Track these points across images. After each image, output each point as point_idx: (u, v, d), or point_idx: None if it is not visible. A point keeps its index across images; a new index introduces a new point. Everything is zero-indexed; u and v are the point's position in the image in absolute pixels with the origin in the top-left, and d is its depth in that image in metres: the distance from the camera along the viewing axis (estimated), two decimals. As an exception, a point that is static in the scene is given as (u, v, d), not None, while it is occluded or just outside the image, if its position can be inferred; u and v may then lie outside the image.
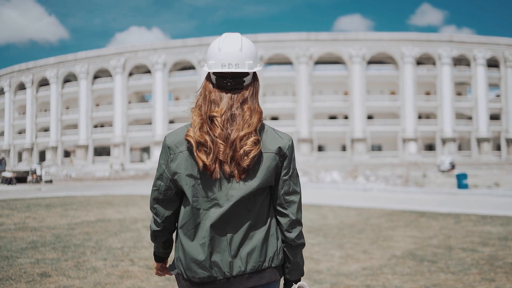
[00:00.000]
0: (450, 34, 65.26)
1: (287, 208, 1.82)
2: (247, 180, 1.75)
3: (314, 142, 60.93)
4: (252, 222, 1.78)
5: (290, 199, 1.82)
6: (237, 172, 1.74)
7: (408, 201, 16.75)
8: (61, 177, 48.37)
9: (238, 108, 1.77)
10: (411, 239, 8.32)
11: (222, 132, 1.74)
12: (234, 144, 1.73)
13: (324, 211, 13.00)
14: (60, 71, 70.46)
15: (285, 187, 1.81)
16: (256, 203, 1.79)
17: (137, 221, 10.83)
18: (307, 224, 10.31)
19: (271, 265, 1.79)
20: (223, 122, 1.75)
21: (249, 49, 1.83)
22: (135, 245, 7.78)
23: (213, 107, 1.79)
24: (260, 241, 1.77)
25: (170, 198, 1.86)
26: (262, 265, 1.77)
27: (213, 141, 1.74)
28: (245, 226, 1.77)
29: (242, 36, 1.87)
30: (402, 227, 9.74)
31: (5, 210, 13.47)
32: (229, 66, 1.78)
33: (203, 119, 1.77)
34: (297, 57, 61.15)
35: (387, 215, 11.87)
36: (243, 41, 1.83)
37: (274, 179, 1.81)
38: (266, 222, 1.81)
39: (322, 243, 8.00)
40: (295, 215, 1.82)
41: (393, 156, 59.37)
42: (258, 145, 1.75)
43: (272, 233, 1.82)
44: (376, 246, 7.69)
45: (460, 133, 61.39)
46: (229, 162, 1.74)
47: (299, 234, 1.83)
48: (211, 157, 1.73)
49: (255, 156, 1.74)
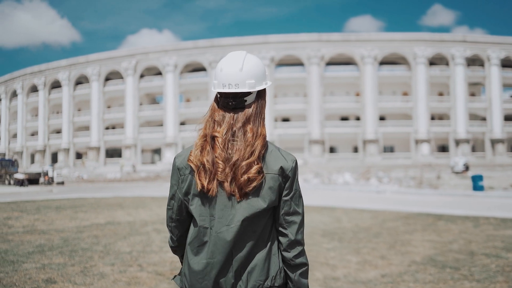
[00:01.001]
0: (463, 34, 64.40)
1: (287, 228, 1.82)
2: (251, 200, 1.78)
3: (326, 144, 60.50)
4: (255, 241, 1.80)
5: (290, 219, 1.82)
6: (238, 194, 1.77)
7: (423, 203, 16.37)
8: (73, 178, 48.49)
9: (240, 129, 1.79)
10: (430, 243, 8.00)
11: (222, 152, 1.77)
12: (235, 167, 1.75)
13: (338, 214, 12.70)
14: (72, 73, 70.80)
15: (286, 207, 1.82)
16: (260, 223, 1.81)
17: (147, 224, 10.62)
18: (320, 227, 10.03)
19: (274, 284, 1.80)
20: (224, 142, 1.77)
21: (251, 67, 1.82)
22: (144, 249, 7.56)
23: (216, 127, 1.81)
24: (261, 260, 1.79)
25: (184, 217, 1.92)
26: (263, 284, 1.78)
27: (213, 161, 1.77)
28: (249, 245, 1.79)
29: (247, 55, 1.85)
30: (420, 231, 9.41)
31: (15, 213, 13.36)
32: (229, 86, 1.81)
33: (206, 140, 1.80)
34: (308, 58, 60.80)
35: (403, 218, 11.54)
36: (245, 60, 1.82)
37: (277, 200, 1.82)
38: (268, 242, 1.83)
39: (338, 247, 7.72)
40: (294, 236, 1.82)
41: (406, 157, 58.73)
42: (262, 174, 1.77)
43: (274, 252, 1.83)
44: (394, 251, 7.39)
45: (473, 134, 60.57)
46: (229, 182, 1.77)
47: (298, 254, 1.83)
48: (210, 177, 1.77)
49: (258, 184, 1.77)
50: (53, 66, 73.06)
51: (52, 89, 74.34)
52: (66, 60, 72.14)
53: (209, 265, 1.78)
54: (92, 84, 68.57)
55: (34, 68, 75.63)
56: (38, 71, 74.76)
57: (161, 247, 7.77)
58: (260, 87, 1.84)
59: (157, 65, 65.45)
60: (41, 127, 73.25)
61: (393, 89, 63.87)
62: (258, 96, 1.87)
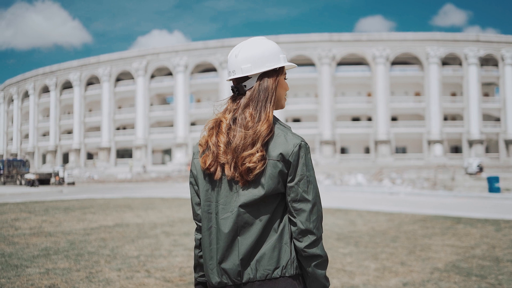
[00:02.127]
0: (476, 33, 63.51)
1: (296, 216, 1.72)
2: (251, 187, 1.74)
3: (337, 144, 59.99)
4: (263, 229, 1.74)
5: (298, 207, 1.72)
6: (241, 181, 1.74)
7: (438, 205, 15.95)
8: (84, 179, 48.54)
9: (241, 114, 1.77)
10: (451, 248, 7.63)
11: (223, 136, 1.77)
12: (236, 154, 1.74)
13: (352, 216, 12.34)
14: (83, 74, 71.01)
15: (292, 194, 1.73)
16: (267, 210, 1.74)
17: (156, 226, 10.34)
18: (335, 230, 9.69)
19: (285, 274, 1.72)
20: (227, 126, 1.78)
21: (248, 52, 1.80)
22: (152, 253, 7.27)
23: (227, 113, 1.83)
24: (270, 249, 1.72)
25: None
26: (273, 273, 1.71)
27: (216, 143, 1.77)
28: (255, 233, 1.73)
29: (248, 40, 1.84)
30: (439, 235, 9.03)
31: (23, 213, 13.17)
32: (229, 73, 1.85)
33: (215, 124, 1.82)
34: (319, 58, 60.36)
35: (420, 221, 11.15)
36: (242, 46, 1.83)
37: (282, 186, 1.74)
38: (279, 230, 1.75)
39: (354, 252, 7.37)
40: (303, 224, 1.71)
41: (418, 158, 58.05)
42: (263, 161, 1.72)
43: (285, 241, 1.74)
44: (414, 256, 7.02)
45: (487, 134, 59.69)
46: (230, 167, 1.74)
47: (310, 244, 1.71)
48: (212, 158, 1.77)
49: (259, 171, 1.72)
50: (65, 67, 73.33)
51: (64, 90, 74.62)
52: (78, 61, 72.37)
53: (213, 251, 1.78)
54: (103, 84, 68.70)
55: (45, 69, 75.96)
56: (50, 71, 75.07)
57: (170, 251, 7.48)
58: (258, 70, 1.78)
59: (168, 66, 65.38)
60: (53, 128, 73.54)
61: (405, 89, 63.22)
62: (261, 80, 1.80)
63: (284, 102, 1.91)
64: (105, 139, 67.61)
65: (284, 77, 1.87)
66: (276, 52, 1.83)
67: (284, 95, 1.88)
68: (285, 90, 1.87)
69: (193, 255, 7.06)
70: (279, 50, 1.84)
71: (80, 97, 71.03)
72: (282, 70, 1.85)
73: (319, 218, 1.74)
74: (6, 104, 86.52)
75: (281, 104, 1.89)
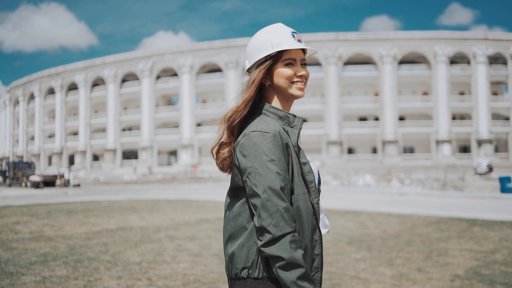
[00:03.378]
0: (485, 32, 62.78)
1: (254, 213, 1.60)
2: (230, 179, 1.75)
3: (344, 145, 59.49)
4: (235, 227, 1.69)
5: (252, 202, 1.60)
6: (221, 171, 1.78)
7: (450, 206, 15.51)
8: (90, 180, 48.35)
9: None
10: (470, 253, 7.22)
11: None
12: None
13: (362, 218, 11.95)
14: (89, 75, 70.94)
15: (247, 188, 1.62)
16: (238, 205, 1.70)
17: (160, 230, 10.00)
18: (346, 233, 9.30)
19: (251, 275, 1.63)
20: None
21: (247, 48, 1.80)
22: (155, 259, 6.92)
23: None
24: (239, 248, 1.66)
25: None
26: (240, 273, 1.64)
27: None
28: (229, 229, 1.71)
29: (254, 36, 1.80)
30: (455, 238, 8.62)
31: (24, 217, 12.87)
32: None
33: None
34: (325, 57, 59.91)
35: (434, 223, 10.74)
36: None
37: (240, 179, 1.67)
38: (249, 227, 1.66)
39: (368, 258, 6.99)
40: (257, 221, 1.57)
41: (426, 158, 57.43)
42: (227, 148, 1.74)
43: (255, 240, 1.64)
44: (432, 262, 6.63)
45: (496, 134, 58.97)
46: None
47: (266, 243, 1.54)
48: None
49: (226, 161, 1.75)
50: (70, 68, 73.30)
51: (69, 91, 74.60)
52: (83, 62, 72.31)
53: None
54: (109, 86, 68.58)
55: (51, 71, 75.97)
56: (55, 73, 75.07)
57: (174, 256, 7.13)
58: (248, 65, 1.76)
59: (173, 66, 65.15)
60: (58, 129, 73.52)
61: (412, 89, 62.61)
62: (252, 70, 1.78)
63: (294, 90, 1.74)
64: (111, 141, 67.48)
65: (286, 63, 1.72)
66: (265, 40, 1.71)
67: (286, 83, 1.72)
68: (285, 78, 1.71)
69: (197, 261, 6.73)
70: (270, 37, 1.71)
71: (85, 98, 70.96)
72: (277, 57, 1.72)
73: (276, 214, 1.53)
74: (12, 106, 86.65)
75: (286, 93, 1.75)
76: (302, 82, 1.74)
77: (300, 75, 1.73)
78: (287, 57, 1.71)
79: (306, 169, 1.70)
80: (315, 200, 1.69)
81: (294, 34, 1.74)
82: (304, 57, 1.77)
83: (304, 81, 1.75)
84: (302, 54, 1.76)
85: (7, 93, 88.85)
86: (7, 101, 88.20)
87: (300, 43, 1.73)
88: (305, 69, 1.76)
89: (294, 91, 1.73)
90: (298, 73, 1.73)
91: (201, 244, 8.16)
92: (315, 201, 1.69)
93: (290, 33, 1.73)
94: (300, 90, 1.74)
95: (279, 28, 1.75)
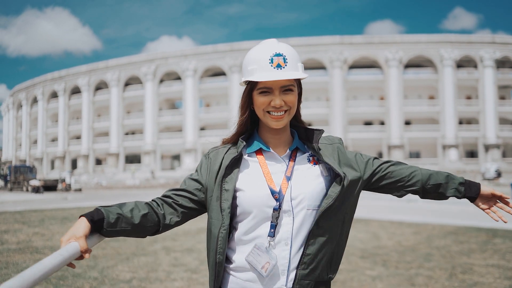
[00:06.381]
0: (492, 35, 61.89)
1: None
2: None
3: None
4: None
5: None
6: None
7: (463, 214, 14.76)
8: (92, 185, 47.80)
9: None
10: (498, 270, 6.48)
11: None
12: None
13: (374, 228, 11.21)
14: (92, 79, 70.50)
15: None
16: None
17: (156, 240, 9.29)
18: (357, 246, 8.58)
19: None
20: None
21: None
22: (147, 276, 6.21)
23: None
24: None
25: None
26: None
27: None
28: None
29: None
30: (478, 252, 7.88)
31: (16, 225, 12.20)
32: None
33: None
34: (330, 61, 59.24)
35: (451, 234, 10.00)
36: None
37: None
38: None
39: (384, 275, 6.25)
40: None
41: (433, 163, 56.54)
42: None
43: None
44: (457, 282, 5.89)
45: (504, 139, 58.05)
46: None
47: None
48: None
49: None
50: (73, 72, 72.92)
51: (72, 95, 74.18)
52: (86, 66, 71.93)
53: None
54: (112, 89, 68.11)
55: (54, 74, 75.63)
56: (58, 77, 74.70)
57: (169, 273, 6.42)
58: (242, 81, 1.65)
59: (177, 70, 64.63)
60: (61, 133, 73.08)
61: (418, 93, 61.84)
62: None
63: (269, 120, 1.56)
64: (114, 145, 66.94)
65: (260, 91, 1.54)
66: (245, 64, 1.58)
67: (260, 113, 1.57)
68: (258, 108, 1.56)
69: (194, 279, 6.03)
70: (248, 61, 1.56)
71: (88, 102, 70.50)
72: (254, 84, 1.56)
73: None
74: (15, 110, 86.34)
75: (264, 121, 1.60)
76: (279, 112, 1.54)
77: (274, 106, 1.53)
78: (262, 86, 1.53)
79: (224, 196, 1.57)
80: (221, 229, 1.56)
81: (273, 59, 1.51)
82: (286, 84, 1.53)
83: (283, 110, 1.54)
84: (282, 81, 1.52)
85: (10, 96, 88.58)
86: (10, 105, 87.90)
87: (276, 71, 1.49)
88: (287, 96, 1.54)
89: (268, 121, 1.57)
90: (272, 103, 1.53)
91: (199, 258, 7.45)
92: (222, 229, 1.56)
93: (268, 58, 1.51)
94: (276, 121, 1.55)
95: (260, 51, 1.54)
